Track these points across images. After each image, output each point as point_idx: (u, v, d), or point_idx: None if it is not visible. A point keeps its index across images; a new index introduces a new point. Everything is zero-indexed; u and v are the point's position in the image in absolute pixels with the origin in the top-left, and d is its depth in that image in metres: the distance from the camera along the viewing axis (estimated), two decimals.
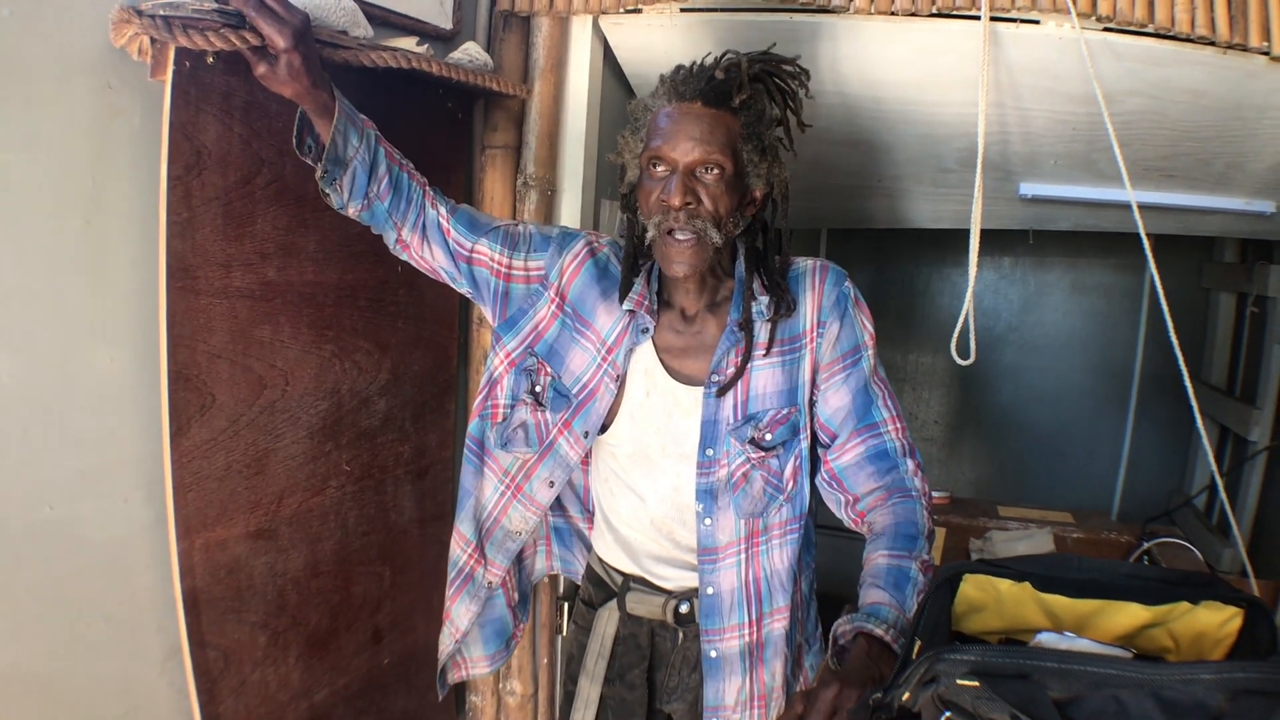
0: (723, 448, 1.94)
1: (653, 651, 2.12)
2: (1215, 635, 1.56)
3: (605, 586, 2.16)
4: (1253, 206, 3.39)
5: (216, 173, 1.83)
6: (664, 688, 2.13)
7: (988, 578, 1.66)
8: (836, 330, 1.96)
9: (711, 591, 1.97)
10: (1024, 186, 3.50)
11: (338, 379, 2.22)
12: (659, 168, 1.82)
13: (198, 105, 1.76)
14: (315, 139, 1.83)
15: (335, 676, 2.29)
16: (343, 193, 1.86)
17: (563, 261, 2.02)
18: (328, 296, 2.17)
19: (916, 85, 2.77)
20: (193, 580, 1.86)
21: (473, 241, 2.01)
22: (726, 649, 1.99)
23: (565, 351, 2.01)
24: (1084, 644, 1.48)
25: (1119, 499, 5.68)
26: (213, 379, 1.88)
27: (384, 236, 2.02)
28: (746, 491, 1.95)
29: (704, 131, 1.79)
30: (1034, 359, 5.73)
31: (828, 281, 1.98)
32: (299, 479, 2.13)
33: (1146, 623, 1.61)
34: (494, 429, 2.09)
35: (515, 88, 2.56)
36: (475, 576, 2.17)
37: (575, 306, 2.01)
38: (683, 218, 1.79)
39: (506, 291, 2.04)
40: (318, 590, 2.21)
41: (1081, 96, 2.58)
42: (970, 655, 1.27)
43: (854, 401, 1.95)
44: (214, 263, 1.85)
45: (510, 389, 2.07)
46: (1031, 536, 3.29)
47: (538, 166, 2.69)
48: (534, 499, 2.08)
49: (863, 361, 1.96)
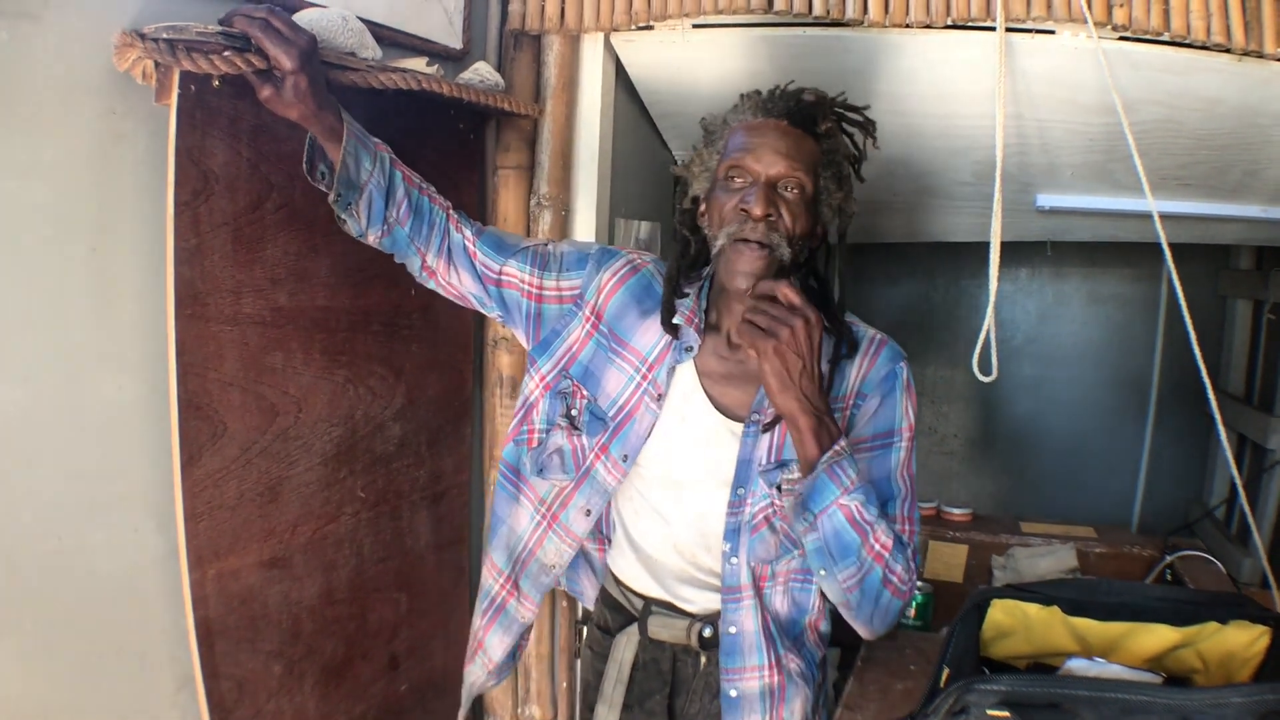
0: (750, 488, 1.88)
1: (674, 677, 2.07)
2: (1243, 655, 1.58)
3: (624, 611, 2.11)
4: (1270, 213, 3.38)
5: (225, 198, 1.81)
6: (684, 714, 2.08)
7: (1016, 603, 1.67)
8: (875, 406, 1.89)
9: (734, 630, 1.93)
10: (1041, 198, 3.48)
11: (351, 405, 2.20)
12: (738, 179, 1.78)
13: (204, 129, 1.74)
14: (328, 165, 1.81)
15: (352, 705, 2.27)
16: (360, 219, 1.84)
17: (601, 279, 1.98)
18: (340, 322, 2.15)
19: (932, 98, 2.76)
20: (205, 610, 1.84)
21: (500, 264, 1.98)
22: (746, 689, 1.94)
23: (600, 373, 1.97)
24: (1114, 670, 1.50)
25: (1138, 510, 5.64)
26: (224, 407, 1.86)
27: (408, 264, 2.00)
28: (764, 537, 1.90)
29: (789, 147, 1.77)
30: (1052, 370, 5.70)
31: (882, 355, 1.92)
32: (313, 506, 2.11)
33: (1175, 644, 1.62)
34: (529, 454, 2.05)
35: (527, 107, 2.54)
36: (508, 609, 2.14)
37: (612, 325, 1.97)
38: (762, 228, 1.74)
39: (539, 313, 2.01)
40: (333, 618, 2.18)
41: (1098, 106, 2.57)
42: (1001, 685, 1.29)
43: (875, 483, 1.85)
44: (224, 289, 1.83)
45: (546, 413, 2.02)
46: (1055, 552, 3.27)
47: (551, 186, 2.68)
48: (570, 529, 2.03)
49: (894, 450, 1.89)
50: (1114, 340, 5.67)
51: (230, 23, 1.64)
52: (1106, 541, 3.47)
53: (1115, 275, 5.60)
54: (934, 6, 2.38)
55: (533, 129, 2.66)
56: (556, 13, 2.59)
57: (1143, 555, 3.39)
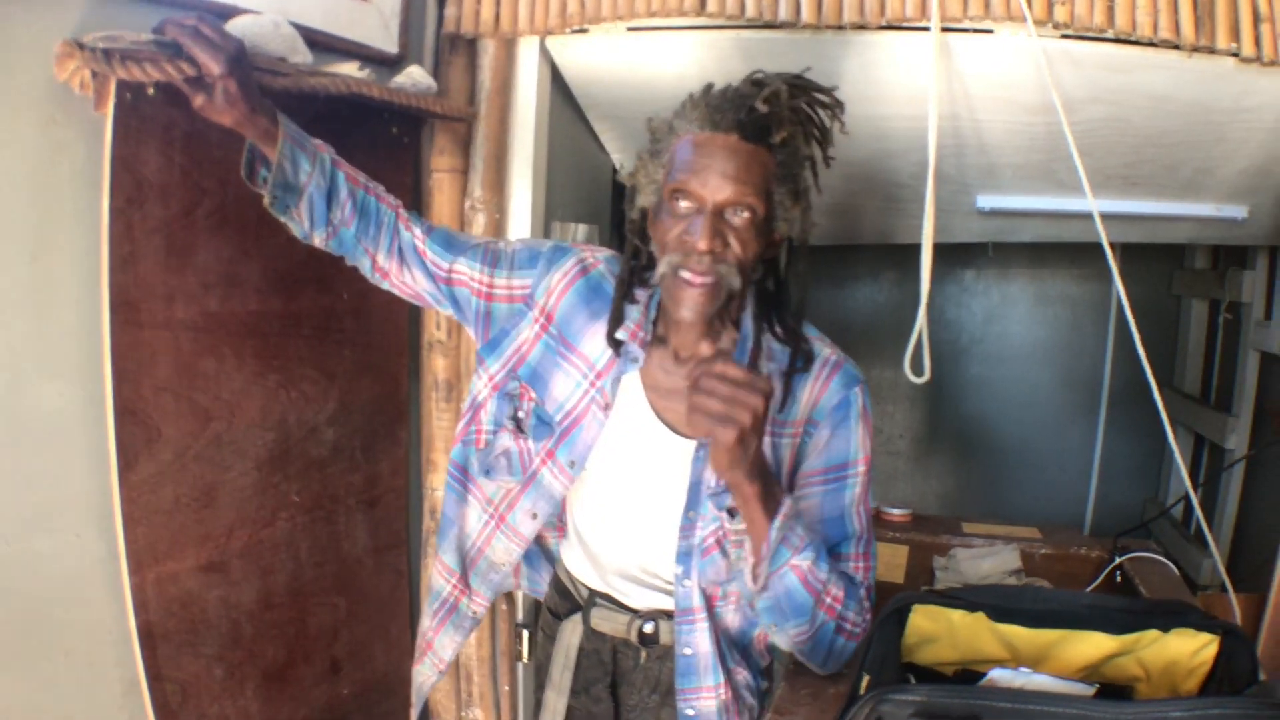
0: (700, 510, 1.88)
1: (615, 668, 2.13)
2: (1188, 664, 1.55)
3: (571, 598, 2.18)
4: (1224, 212, 3.41)
5: (158, 204, 1.87)
6: (625, 705, 2.14)
7: (938, 608, 1.66)
8: (826, 437, 1.87)
9: (690, 652, 1.95)
10: (981, 199, 3.50)
11: (284, 409, 2.26)
12: (683, 203, 1.71)
13: (139, 137, 1.80)
14: (268, 168, 1.84)
15: (295, 708, 2.33)
16: (301, 221, 1.88)
17: (551, 279, 1.98)
18: (272, 326, 2.20)
19: (868, 100, 2.78)
20: (147, 615, 1.90)
21: (450, 261, 2.00)
22: (703, 708, 1.97)
23: (548, 376, 1.98)
24: (1041, 680, 1.47)
25: (1091, 511, 5.72)
26: (158, 413, 1.91)
27: (360, 266, 2.03)
28: (714, 561, 1.90)
29: (739, 169, 1.68)
30: (999, 371, 5.77)
31: (835, 380, 1.90)
32: (248, 511, 2.17)
33: (1112, 652, 1.59)
34: (477, 455, 2.08)
35: (460, 110, 2.61)
36: (460, 607, 2.18)
37: (561, 328, 1.97)
38: (707, 261, 1.68)
39: (489, 311, 2.02)
40: (272, 622, 2.24)
41: (1039, 106, 2.61)
42: (917, 695, 1.26)
43: (825, 525, 1.85)
44: (156, 295, 1.89)
45: (493, 414, 2.04)
46: (997, 554, 3.29)
47: (485, 189, 2.73)
48: (518, 530, 2.08)
49: (849, 486, 1.87)
50: (1063, 340, 5.73)
51: (162, 30, 1.68)
52: (1052, 542, 3.44)
53: (1064, 276, 5.68)
54: (868, 8, 2.42)
55: (467, 132, 2.71)
56: (491, 16, 2.63)
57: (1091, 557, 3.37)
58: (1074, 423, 5.72)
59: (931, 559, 3.37)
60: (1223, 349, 4.90)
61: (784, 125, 1.71)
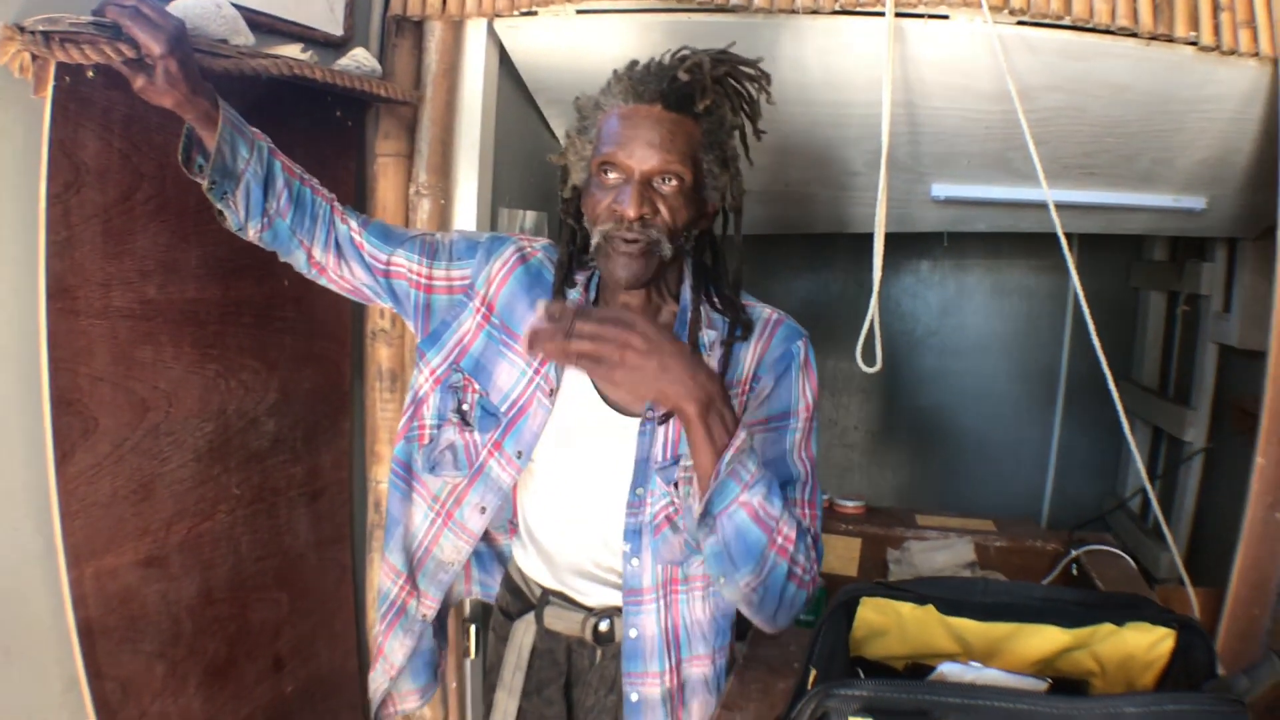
0: (649, 487, 1.92)
1: (570, 669, 2.14)
2: (1145, 658, 1.56)
3: (523, 597, 2.19)
4: (1182, 203, 3.44)
5: (96, 189, 1.86)
6: (581, 706, 2.14)
7: (887, 600, 1.64)
8: (770, 388, 1.91)
9: (635, 634, 1.98)
10: (936, 188, 3.53)
11: (224, 399, 2.25)
12: (611, 174, 1.78)
13: (77, 121, 1.80)
14: (205, 155, 1.84)
15: (238, 706, 2.32)
16: (238, 210, 1.87)
17: (490, 269, 2.01)
18: (211, 314, 2.20)
19: (821, 86, 2.82)
20: (86, 610, 1.89)
21: (388, 253, 2.02)
22: (648, 693, 2.00)
23: (492, 366, 2.00)
24: (991, 675, 1.47)
25: (1048, 505, 5.79)
26: (95, 403, 1.91)
27: (294, 261, 2.03)
28: (667, 538, 1.92)
29: (664, 138, 1.75)
30: (955, 363, 5.82)
31: (778, 335, 1.95)
32: (187, 504, 2.16)
33: (1066, 646, 1.59)
34: (421, 451, 2.08)
35: (405, 93, 2.61)
36: (409, 610, 2.19)
37: (503, 317, 1.99)
38: (636, 228, 1.75)
39: (428, 304, 2.04)
40: (214, 618, 2.24)
41: (994, 94, 2.63)
42: (863, 690, 1.27)
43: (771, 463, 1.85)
44: (93, 282, 1.88)
45: (436, 408, 2.06)
46: (952, 546, 3.33)
47: (431, 174, 2.73)
48: (466, 526, 2.09)
49: (790, 431, 1.90)
50: (1020, 332, 5.80)
51: (102, 12, 1.67)
52: (1008, 535, 3.48)
53: (1021, 267, 5.74)
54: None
55: (413, 116, 2.71)
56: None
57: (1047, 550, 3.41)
58: (1031, 415, 5.78)
59: (885, 552, 3.41)
60: (1181, 341, 4.97)
61: (707, 94, 1.77)
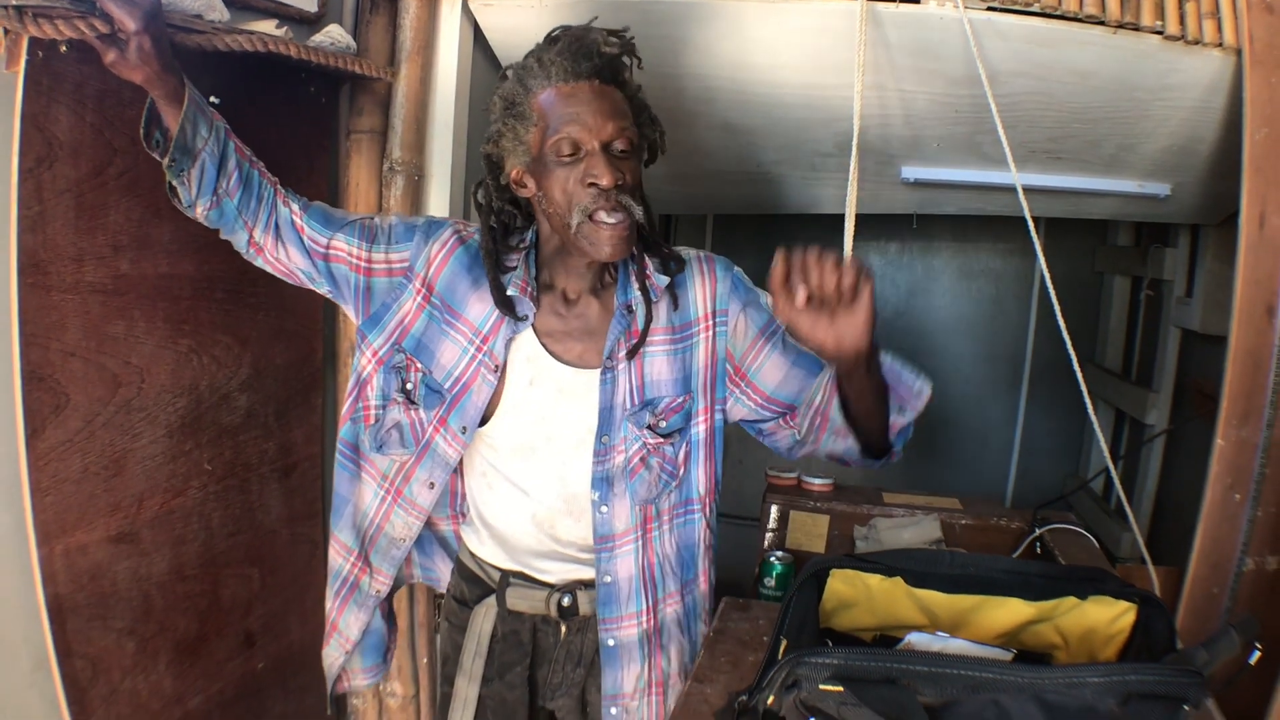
0: (619, 434, 2.01)
1: (535, 648, 2.16)
2: (1106, 631, 1.59)
3: (481, 583, 2.20)
4: (1146, 189, 3.50)
5: (68, 164, 1.85)
6: (547, 685, 2.18)
7: (856, 573, 1.68)
8: (738, 312, 2.05)
9: (609, 580, 2.05)
10: (906, 170, 3.57)
11: (196, 375, 2.25)
12: (569, 151, 1.84)
13: (50, 95, 1.79)
14: (163, 133, 1.85)
15: (208, 683, 2.33)
16: (190, 187, 1.88)
17: (429, 250, 2.05)
18: (183, 289, 2.20)
19: (793, 68, 2.84)
20: (55, 587, 1.89)
21: (328, 237, 2.04)
22: (625, 637, 2.06)
23: (434, 345, 2.04)
24: (958, 645, 1.51)
25: (1013, 485, 5.83)
26: (66, 378, 1.90)
27: (234, 240, 2.04)
28: (643, 478, 2.03)
29: (610, 108, 1.85)
30: (923, 344, 5.84)
31: (718, 270, 2.08)
32: (159, 480, 2.16)
33: (1030, 619, 1.63)
34: (367, 431, 2.12)
35: (380, 70, 2.60)
36: (361, 585, 2.22)
37: (444, 297, 2.04)
38: (614, 196, 1.83)
39: (368, 287, 2.07)
40: (184, 594, 2.24)
41: (964, 78, 2.66)
42: (833, 658, 1.30)
43: (796, 364, 2.03)
44: (66, 257, 1.88)
45: (380, 388, 2.10)
46: (918, 523, 3.35)
47: (404, 151, 2.73)
48: (415, 503, 2.13)
49: (782, 333, 2.04)
50: (987, 314, 5.83)
51: None
52: (972, 513, 3.50)
53: (988, 250, 5.77)
54: None
55: (387, 93, 2.70)
56: None
57: (1010, 528, 3.44)
58: (996, 397, 5.82)
59: (853, 528, 3.43)
60: (1144, 325, 5.00)
61: (625, 65, 1.92)
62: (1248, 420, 2.48)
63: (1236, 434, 2.49)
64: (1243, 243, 2.47)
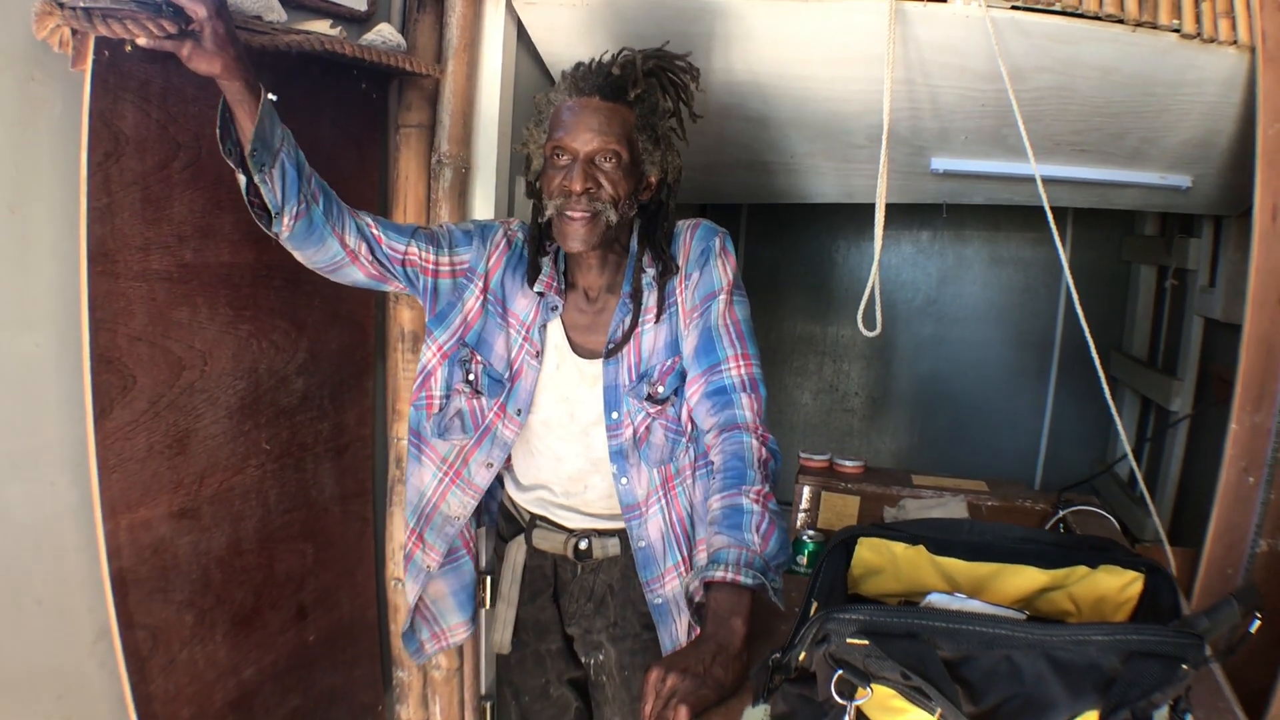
0: (624, 409, 2.18)
1: (556, 581, 2.40)
2: (1116, 599, 1.65)
3: (515, 522, 2.44)
4: (1168, 181, 3.52)
5: (134, 158, 1.89)
6: (566, 613, 2.40)
7: (883, 541, 1.75)
8: (697, 279, 2.16)
9: (644, 544, 2.22)
10: (935, 162, 3.60)
11: (255, 358, 2.30)
12: (562, 157, 2.04)
13: (116, 93, 1.82)
14: (236, 142, 1.84)
15: (262, 654, 2.37)
16: (275, 188, 1.87)
17: (488, 252, 2.22)
18: (244, 277, 2.24)
19: (826, 62, 2.87)
20: (119, 561, 1.93)
21: (405, 244, 2.15)
22: (669, 592, 2.22)
23: (492, 339, 2.22)
24: (975, 605, 1.54)
25: (1041, 470, 5.82)
26: (133, 361, 1.94)
27: (322, 253, 2.06)
28: (651, 443, 2.18)
29: (601, 123, 2.01)
30: (953, 331, 5.85)
31: (696, 236, 2.19)
32: (219, 458, 2.21)
33: (1044, 586, 1.68)
34: (430, 419, 2.25)
35: (428, 67, 2.63)
36: (415, 559, 2.35)
37: (498, 294, 2.22)
38: (584, 201, 2.01)
39: (435, 288, 2.20)
40: (241, 569, 2.29)
41: (989, 73, 2.68)
42: (859, 614, 1.35)
43: (699, 343, 2.13)
44: (132, 246, 1.92)
45: (445, 380, 2.25)
46: (945, 504, 3.35)
47: (452, 144, 2.76)
48: (472, 483, 2.28)
49: (714, 305, 2.13)
50: (1016, 302, 5.82)
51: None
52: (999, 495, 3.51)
53: (1018, 239, 5.76)
54: None
55: (435, 89, 2.73)
56: None
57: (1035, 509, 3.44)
58: (1025, 384, 5.81)
59: (882, 510, 3.44)
60: (1169, 314, 4.98)
61: (638, 84, 2.04)
62: (1261, 405, 2.50)
63: (1250, 419, 2.51)
64: (1256, 233, 2.50)
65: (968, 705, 1.30)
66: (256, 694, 2.37)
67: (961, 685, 1.31)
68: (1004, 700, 1.32)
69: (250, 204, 1.93)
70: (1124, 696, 1.27)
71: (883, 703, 1.31)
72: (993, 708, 1.32)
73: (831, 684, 1.33)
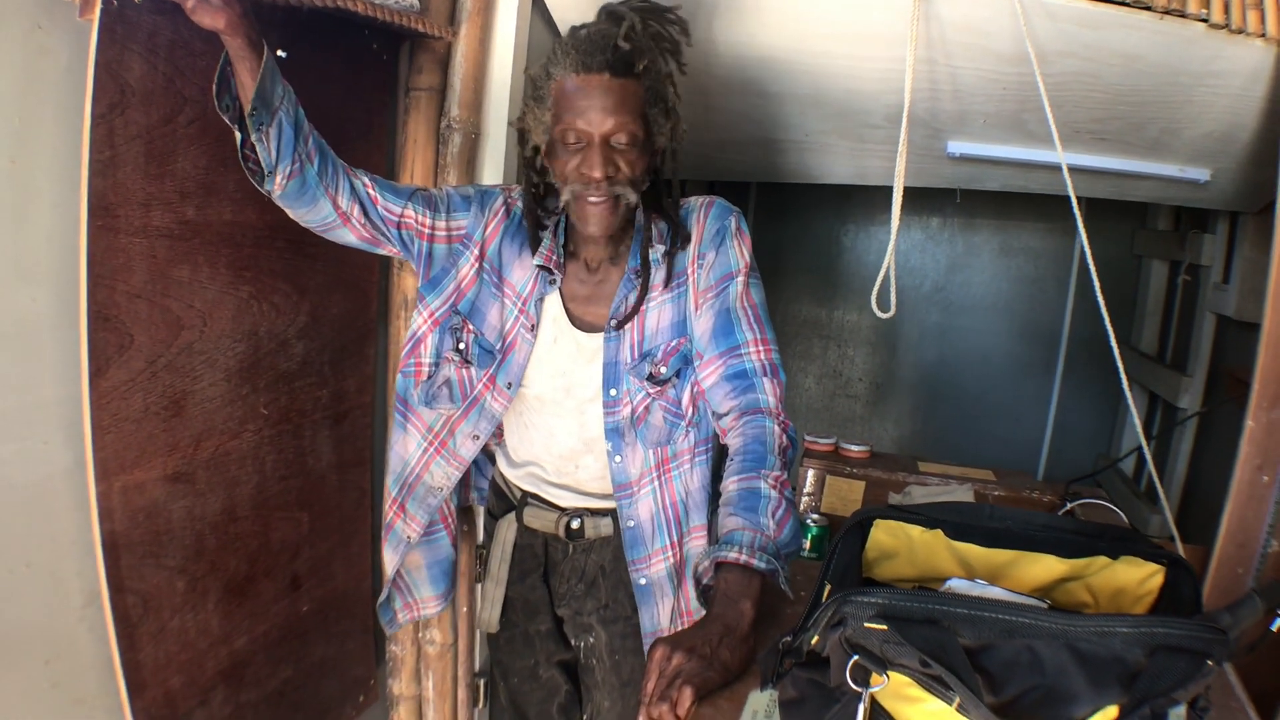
0: (624, 387, 2.14)
1: (546, 560, 2.37)
2: (1136, 592, 1.61)
3: (506, 499, 2.41)
4: (1187, 174, 3.48)
5: (140, 111, 1.86)
6: (556, 593, 2.38)
7: (899, 524, 1.71)
8: (712, 259, 2.11)
9: (633, 524, 2.20)
10: (952, 145, 3.56)
11: (255, 321, 2.28)
12: (573, 140, 1.96)
13: (123, 43, 1.79)
14: (234, 97, 1.81)
15: (254, 623, 2.35)
16: (269, 146, 1.84)
17: (485, 219, 2.18)
18: (246, 237, 2.22)
19: (845, 39, 2.83)
20: (112, 524, 1.91)
21: (401, 206, 2.11)
22: (654, 574, 2.21)
23: (485, 308, 2.18)
24: (996, 592, 1.51)
25: (1044, 462, 5.82)
26: (131, 319, 1.92)
27: (314, 213, 2.03)
28: (649, 423, 2.15)
29: (615, 103, 1.93)
30: (960, 319, 5.83)
31: (711, 214, 2.15)
32: (216, 422, 2.19)
33: (1063, 575, 1.64)
34: (418, 387, 2.22)
35: (441, 29, 2.59)
36: (395, 529, 2.33)
37: (493, 263, 2.18)
38: (603, 187, 1.96)
39: (430, 252, 2.17)
40: (236, 535, 2.27)
41: (1013, 56, 2.66)
42: (878, 598, 1.30)
43: (716, 324, 2.09)
44: (134, 201, 1.89)
45: (435, 347, 2.21)
46: (952, 492, 3.36)
47: (462, 109, 2.72)
48: (457, 454, 2.25)
49: (731, 287, 2.10)
50: (1025, 293, 5.80)
51: None
52: (1006, 485, 3.52)
53: (1028, 228, 5.74)
54: None
55: (446, 52, 2.69)
56: None
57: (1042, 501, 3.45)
58: (1031, 375, 5.80)
59: (888, 495, 3.44)
60: (1180, 310, 4.96)
61: (644, 55, 1.96)
62: (1278, 403, 2.48)
63: (1267, 416, 2.49)
64: (1278, 230, 2.47)
65: (987, 696, 1.26)
66: (248, 664, 2.35)
67: (981, 674, 1.28)
68: (1024, 691, 1.28)
69: (244, 158, 1.90)
70: (1149, 691, 1.23)
71: (898, 690, 1.28)
72: (1012, 699, 1.28)
73: (846, 670, 1.29)
